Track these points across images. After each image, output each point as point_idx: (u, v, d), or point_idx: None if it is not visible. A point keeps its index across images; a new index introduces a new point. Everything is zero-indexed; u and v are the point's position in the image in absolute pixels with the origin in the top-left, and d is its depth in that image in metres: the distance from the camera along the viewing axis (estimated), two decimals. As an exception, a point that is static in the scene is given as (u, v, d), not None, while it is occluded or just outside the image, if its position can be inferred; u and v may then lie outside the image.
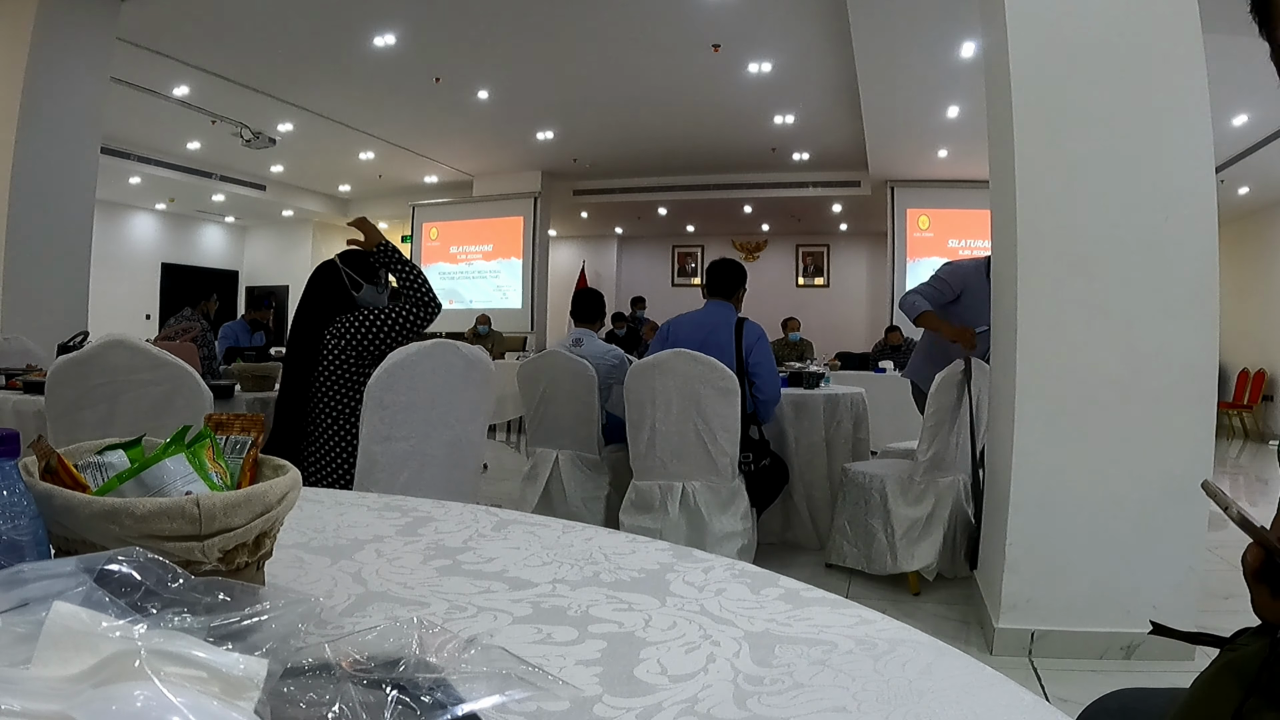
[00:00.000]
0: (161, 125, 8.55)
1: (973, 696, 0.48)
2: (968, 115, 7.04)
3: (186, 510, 0.48)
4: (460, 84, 7.48)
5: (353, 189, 12.58)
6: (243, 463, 0.61)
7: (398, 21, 6.14)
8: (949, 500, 2.99)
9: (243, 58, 6.84)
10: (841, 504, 3.20)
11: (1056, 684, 2.15)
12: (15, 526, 0.45)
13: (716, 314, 3.27)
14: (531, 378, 3.48)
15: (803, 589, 0.68)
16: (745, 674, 0.51)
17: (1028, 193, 2.40)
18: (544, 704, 0.45)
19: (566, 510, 3.28)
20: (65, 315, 4.41)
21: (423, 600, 0.64)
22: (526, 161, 10.47)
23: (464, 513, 0.93)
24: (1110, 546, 2.32)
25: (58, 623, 0.32)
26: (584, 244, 14.64)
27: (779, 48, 6.50)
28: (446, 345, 2.06)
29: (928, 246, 9.70)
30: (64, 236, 4.60)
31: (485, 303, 10.97)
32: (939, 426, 2.96)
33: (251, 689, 0.32)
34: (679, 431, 2.92)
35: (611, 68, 7.02)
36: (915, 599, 2.93)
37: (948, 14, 5.13)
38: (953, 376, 2.94)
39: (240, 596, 0.39)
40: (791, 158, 9.84)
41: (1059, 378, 2.37)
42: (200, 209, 12.61)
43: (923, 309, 3.31)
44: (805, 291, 14.04)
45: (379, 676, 0.37)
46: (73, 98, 4.59)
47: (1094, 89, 2.37)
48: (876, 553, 3.02)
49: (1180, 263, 2.32)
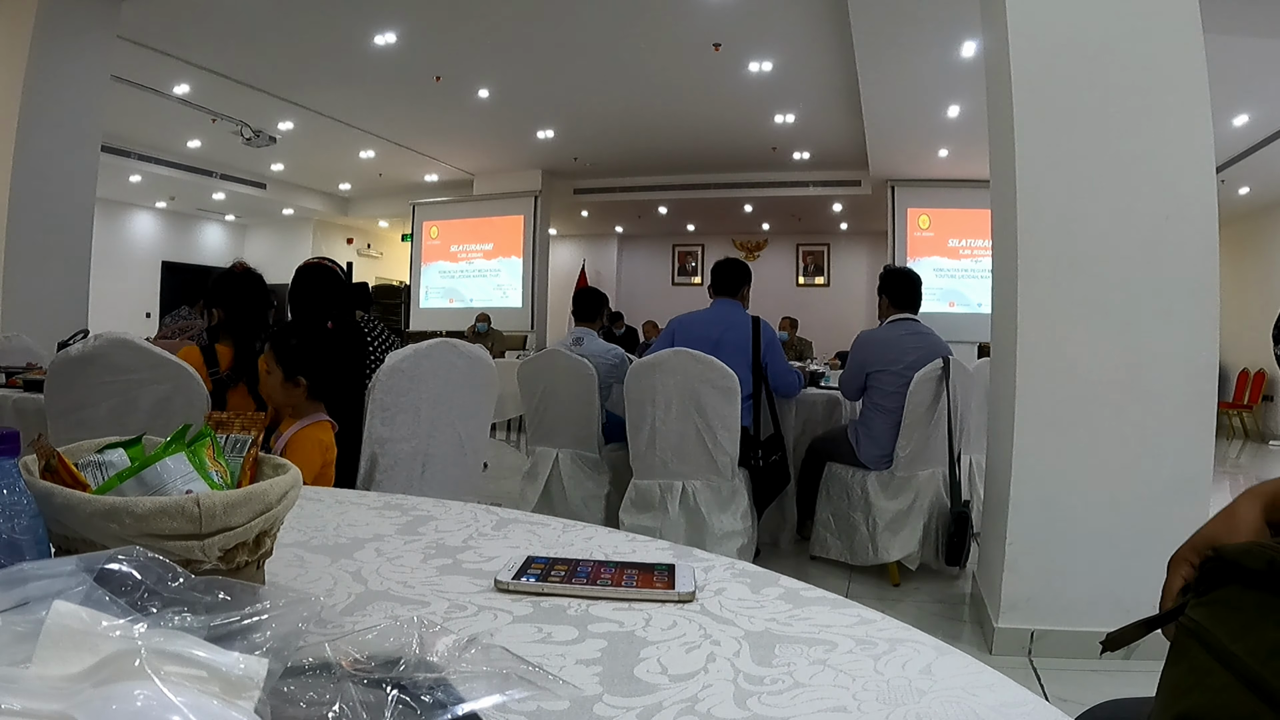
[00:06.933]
0: (162, 124, 8.55)
1: (973, 696, 0.48)
2: (968, 115, 7.03)
3: (187, 509, 0.48)
4: (460, 83, 7.48)
5: (353, 188, 12.58)
6: (243, 462, 0.61)
7: (398, 20, 6.13)
8: (929, 492, 3.06)
9: (243, 56, 6.84)
10: (825, 498, 3.26)
11: (1056, 684, 2.15)
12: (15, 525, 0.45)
13: (727, 313, 3.27)
14: (532, 376, 3.48)
15: (803, 588, 0.68)
16: (745, 673, 0.51)
17: (1028, 192, 2.40)
18: (544, 703, 0.45)
19: (567, 509, 3.28)
20: (65, 314, 4.41)
21: (423, 600, 0.64)
22: (527, 160, 10.46)
23: (464, 511, 0.93)
24: (1110, 546, 2.32)
25: (58, 622, 0.32)
26: (584, 243, 14.64)
27: (779, 47, 6.50)
28: (447, 345, 2.06)
29: (928, 246, 9.70)
30: (64, 235, 4.60)
31: (485, 301, 10.96)
32: (917, 423, 3.00)
33: (252, 688, 0.32)
34: (679, 430, 2.92)
35: (612, 67, 7.02)
36: (898, 589, 3.02)
37: (948, 13, 5.12)
38: (931, 373, 2.96)
39: (240, 596, 0.39)
40: (792, 157, 9.84)
41: (1059, 378, 2.37)
42: (200, 207, 12.61)
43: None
44: (805, 291, 14.04)
45: (379, 676, 0.37)
46: (73, 96, 4.59)
47: (1094, 89, 2.37)
48: (859, 544, 3.10)
49: (1180, 263, 2.32)
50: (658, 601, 0.64)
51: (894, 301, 3.27)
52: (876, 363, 3.12)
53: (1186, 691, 0.48)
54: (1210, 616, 0.50)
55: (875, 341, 3.20)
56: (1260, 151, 7.31)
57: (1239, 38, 4.47)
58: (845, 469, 3.20)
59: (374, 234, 14.88)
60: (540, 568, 0.69)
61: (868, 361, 3.15)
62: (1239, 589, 0.50)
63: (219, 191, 11.29)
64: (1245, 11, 4.36)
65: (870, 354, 3.16)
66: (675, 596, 0.64)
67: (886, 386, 3.07)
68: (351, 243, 14.36)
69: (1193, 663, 0.49)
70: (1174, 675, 0.51)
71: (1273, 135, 7.00)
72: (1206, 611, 0.51)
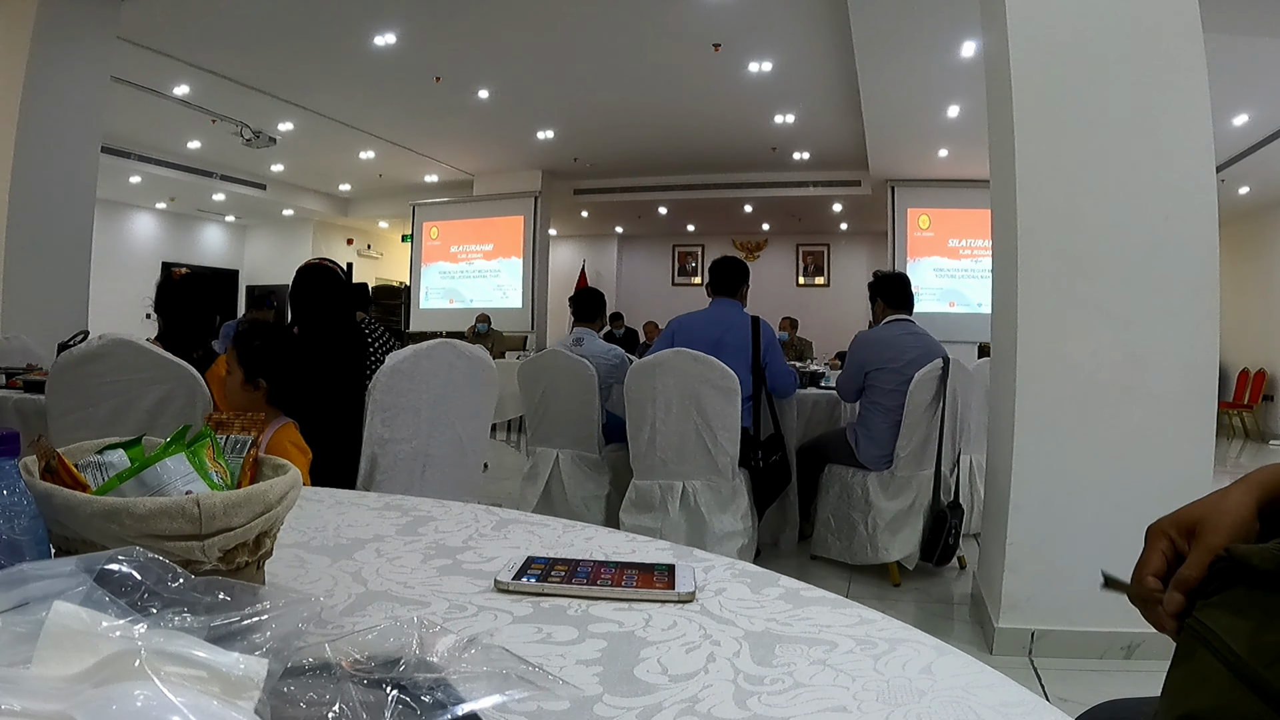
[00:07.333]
0: (162, 124, 8.55)
1: (973, 696, 0.48)
2: (968, 115, 7.03)
3: (187, 510, 0.48)
4: (460, 83, 7.48)
5: (353, 188, 12.58)
6: (243, 462, 0.61)
7: (398, 20, 6.14)
8: (929, 492, 3.05)
9: (243, 57, 6.84)
10: (825, 498, 3.27)
11: (1056, 684, 2.15)
12: (15, 526, 0.45)
13: (727, 313, 3.27)
14: (532, 377, 3.48)
15: (803, 588, 0.68)
16: (745, 673, 0.51)
17: (1028, 192, 2.39)
18: (544, 704, 0.45)
19: (567, 509, 3.28)
20: (65, 315, 4.40)
21: (423, 600, 0.64)
22: (527, 161, 10.47)
23: (464, 512, 0.93)
24: (1110, 546, 2.31)
25: (58, 622, 0.32)
26: (584, 243, 14.64)
27: (779, 47, 6.50)
28: (448, 346, 2.06)
29: (928, 246, 9.70)
30: (64, 236, 4.60)
31: (485, 302, 10.97)
32: (918, 422, 3.00)
33: (251, 689, 0.32)
34: (679, 431, 2.92)
35: (612, 67, 7.02)
36: (898, 589, 3.03)
37: (948, 13, 5.13)
38: (932, 373, 2.97)
39: (240, 596, 0.39)
40: (792, 157, 9.84)
41: (1059, 378, 2.37)
42: (200, 208, 12.61)
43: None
44: (805, 291, 14.04)
45: (379, 676, 0.37)
46: (73, 97, 4.59)
47: (1094, 88, 2.37)
48: (858, 544, 3.11)
49: (1180, 262, 2.32)
50: (658, 602, 0.64)
51: (889, 303, 3.29)
52: (876, 361, 3.13)
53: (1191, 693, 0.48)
54: (1216, 619, 0.50)
55: (874, 341, 3.20)
56: (1260, 151, 7.31)
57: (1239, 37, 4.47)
58: (845, 469, 3.20)
59: (374, 235, 14.89)
60: (540, 568, 0.69)
61: (867, 361, 3.16)
62: (1245, 590, 0.50)
63: (219, 192, 11.30)
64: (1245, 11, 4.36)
65: (870, 353, 3.17)
66: (675, 597, 0.64)
67: (886, 385, 3.07)
68: (351, 243, 14.37)
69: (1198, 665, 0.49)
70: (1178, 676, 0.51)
71: (1272, 135, 7.00)
72: (1213, 613, 0.51)
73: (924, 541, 2.97)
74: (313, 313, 2.29)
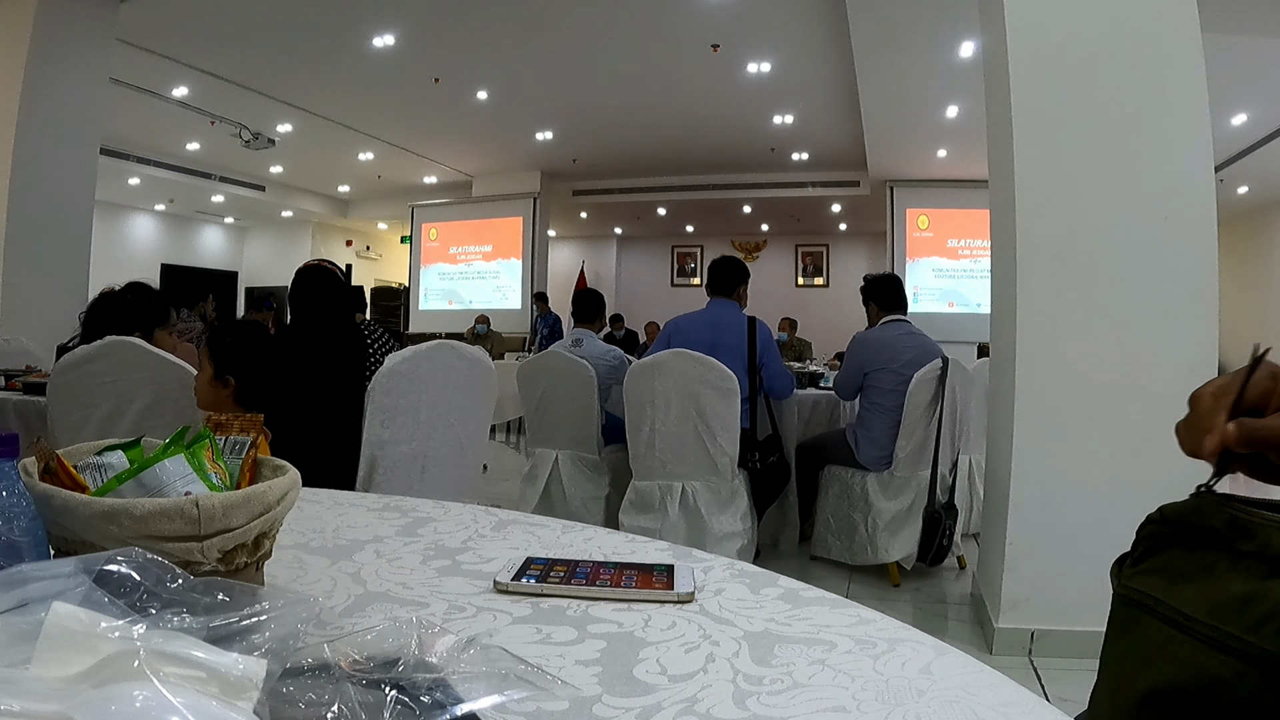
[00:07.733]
0: (161, 126, 8.55)
1: (973, 696, 0.48)
2: (967, 115, 7.04)
3: (186, 511, 0.48)
4: (460, 84, 7.48)
5: (352, 190, 12.58)
6: (242, 463, 0.61)
7: (397, 22, 6.14)
8: (928, 492, 3.04)
9: (242, 58, 6.85)
10: (824, 498, 3.27)
11: (1056, 684, 2.15)
12: (14, 527, 0.45)
13: (724, 313, 3.27)
14: (531, 378, 3.48)
15: (802, 589, 0.68)
16: (745, 674, 0.51)
17: (1027, 192, 2.40)
18: (543, 704, 0.45)
19: (566, 510, 3.28)
20: (65, 316, 4.39)
21: (422, 600, 0.64)
22: (526, 162, 10.47)
23: (463, 513, 0.93)
24: (1110, 546, 2.31)
25: (57, 623, 0.32)
26: (583, 244, 14.64)
27: (778, 48, 6.50)
28: (447, 347, 2.06)
29: (927, 246, 9.70)
30: (64, 237, 4.60)
31: (485, 303, 10.97)
32: (917, 423, 3.01)
33: (251, 689, 0.32)
34: (678, 432, 2.92)
35: (611, 68, 7.03)
36: (897, 589, 3.02)
37: (947, 14, 5.13)
38: (931, 373, 2.97)
39: (239, 597, 0.39)
40: (791, 158, 9.85)
41: (1059, 378, 2.37)
42: (200, 210, 12.62)
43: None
44: (805, 291, 14.05)
45: (378, 676, 0.37)
46: (72, 98, 4.59)
47: (1094, 89, 2.37)
48: (858, 545, 3.12)
49: (1180, 262, 2.32)
50: (657, 602, 0.64)
51: (882, 305, 3.31)
52: (875, 362, 3.13)
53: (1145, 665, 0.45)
54: (1153, 585, 0.47)
55: (873, 341, 3.21)
56: (1259, 151, 7.32)
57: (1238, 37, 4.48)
58: (845, 470, 3.20)
59: (373, 236, 14.89)
60: (539, 569, 0.69)
61: (866, 361, 3.16)
62: (1181, 551, 0.48)
63: (218, 194, 11.30)
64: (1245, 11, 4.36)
65: (868, 354, 3.17)
66: (674, 597, 0.64)
67: (885, 385, 3.07)
68: (350, 245, 14.37)
69: (1146, 634, 0.46)
70: (1123, 649, 0.48)
71: (1271, 135, 7.01)
72: (1151, 580, 0.48)
73: (919, 542, 2.98)
74: (312, 314, 2.29)
